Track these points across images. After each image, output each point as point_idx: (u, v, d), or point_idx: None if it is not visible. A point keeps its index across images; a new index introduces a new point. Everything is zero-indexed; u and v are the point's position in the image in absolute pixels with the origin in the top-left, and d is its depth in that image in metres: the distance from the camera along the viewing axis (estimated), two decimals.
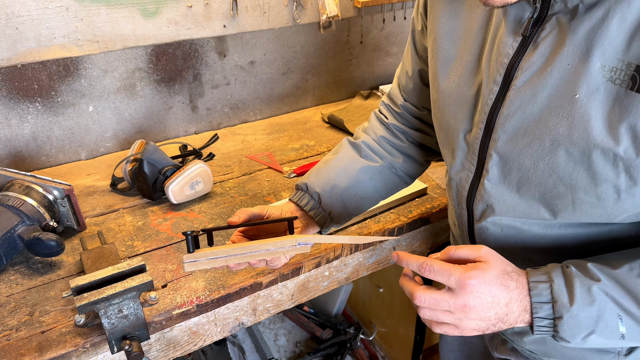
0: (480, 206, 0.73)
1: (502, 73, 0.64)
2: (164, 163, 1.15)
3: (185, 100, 1.46)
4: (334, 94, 1.74)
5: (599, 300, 0.59)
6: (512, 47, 0.63)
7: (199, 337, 0.94)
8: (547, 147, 0.61)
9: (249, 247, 0.68)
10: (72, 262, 0.97)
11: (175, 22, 1.34)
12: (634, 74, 0.53)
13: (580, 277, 0.60)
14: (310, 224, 0.88)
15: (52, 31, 1.20)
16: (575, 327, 0.60)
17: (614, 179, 0.57)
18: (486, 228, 0.73)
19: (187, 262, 0.67)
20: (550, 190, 0.63)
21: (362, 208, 0.92)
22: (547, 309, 0.60)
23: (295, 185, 0.92)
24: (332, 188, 0.87)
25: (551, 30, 0.59)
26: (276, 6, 1.46)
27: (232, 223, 0.76)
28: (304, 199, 0.88)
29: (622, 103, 0.55)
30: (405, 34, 1.76)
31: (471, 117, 0.71)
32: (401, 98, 0.93)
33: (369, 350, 1.88)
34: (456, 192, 0.78)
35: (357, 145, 0.92)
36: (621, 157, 0.56)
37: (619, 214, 0.61)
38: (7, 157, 1.27)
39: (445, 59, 0.74)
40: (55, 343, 0.79)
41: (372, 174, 0.90)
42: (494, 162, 0.67)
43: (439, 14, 0.75)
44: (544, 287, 0.61)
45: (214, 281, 0.92)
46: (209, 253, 0.67)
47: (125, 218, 1.11)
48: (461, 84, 0.72)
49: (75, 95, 1.29)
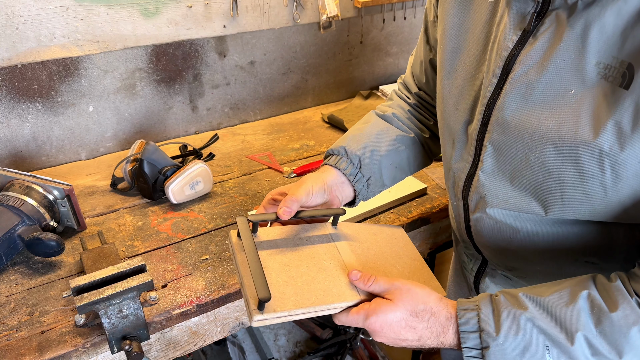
0: (474, 197, 0.73)
1: (501, 65, 0.65)
2: (164, 163, 1.15)
3: (185, 100, 1.46)
4: (334, 94, 1.74)
5: (525, 330, 0.58)
6: (512, 40, 0.63)
7: (199, 337, 0.94)
8: (537, 141, 0.62)
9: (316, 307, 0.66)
10: (72, 262, 0.97)
11: (175, 22, 1.34)
12: (625, 71, 0.54)
13: (508, 307, 0.60)
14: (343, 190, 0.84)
15: (52, 31, 1.20)
16: (502, 358, 0.59)
17: (600, 176, 0.58)
18: (481, 219, 0.74)
19: (258, 319, 0.63)
20: (541, 184, 0.63)
21: (394, 179, 0.89)
22: (475, 339, 0.60)
23: (327, 151, 0.87)
24: (373, 152, 0.84)
25: (550, 25, 0.60)
26: (276, 6, 1.46)
27: (283, 217, 0.72)
28: (342, 162, 0.84)
29: (610, 99, 0.55)
30: (405, 34, 1.76)
31: (473, 109, 0.71)
32: (415, 87, 0.94)
33: (369, 350, 1.88)
34: (453, 183, 0.78)
35: (388, 116, 0.91)
36: (607, 154, 0.56)
37: (607, 211, 0.61)
38: (7, 157, 1.27)
39: (452, 51, 0.75)
40: (55, 343, 0.79)
41: (408, 144, 0.89)
42: (488, 153, 0.68)
43: (448, 6, 0.75)
44: (471, 315, 0.61)
45: (214, 281, 0.92)
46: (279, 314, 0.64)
47: (126, 218, 1.11)
48: (467, 76, 0.72)
49: (76, 95, 1.29)
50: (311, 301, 0.66)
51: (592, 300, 0.58)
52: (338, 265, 0.72)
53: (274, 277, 0.68)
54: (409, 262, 0.79)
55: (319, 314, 0.67)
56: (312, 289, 0.68)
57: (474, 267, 0.83)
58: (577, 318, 0.57)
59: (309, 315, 0.66)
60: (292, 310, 0.64)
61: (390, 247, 0.80)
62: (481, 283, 0.82)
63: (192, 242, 1.03)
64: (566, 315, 0.57)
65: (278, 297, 0.65)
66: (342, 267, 0.72)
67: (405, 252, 0.81)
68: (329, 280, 0.70)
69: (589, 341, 0.56)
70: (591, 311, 0.57)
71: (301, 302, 0.65)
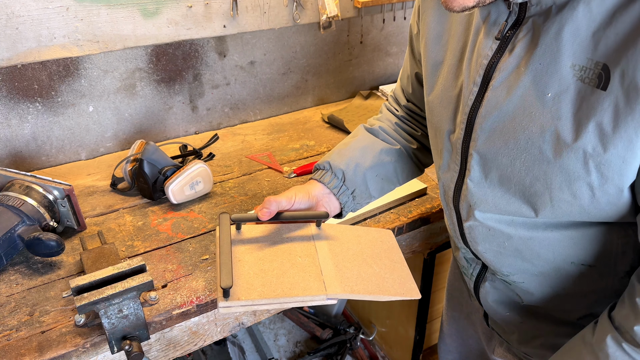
0: (464, 205, 0.73)
1: (482, 74, 0.65)
2: (164, 163, 1.15)
3: (185, 100, 1.46)
4: (334, 94, 1.74)
5: None
6: (492, 48, 0.64)
7: (199, 337, 0.94)
8: (522, 146, 0.62)
9: (280, 299, 0.69)
10: (72, 262, 0.98)
11: (175, 22, 1.34)
12: (600, 72, 0.54)
13: None
14: (330, 202, 0.86)
15: (52, 31, 1.20)
16: None
17: (586, 177, 0.58)
18: (474, 227, 0.74)
19: (222, 306, 0.68)
20: (529, 188, 0.64)
21: (382, 190, 0.92)
22: None
23: (314, 166, 0.91)
24: (357, 166, 0.88)
25: (527, 32, 0.60)
26: (276, 6, 1.46)
27: (262, 218, 0.76)
28: (327, 176, 0.87)
29: (589, 101, 0.55)
30: (405, 34, 1.77)
31: (454, 118, 0.72)
32: (404, 99, 0.96)
33: (369, 350, 1.88)
34: (443, 193, 0.79)
35: (375, 130, 0.94)
36: (591, 155, 0.56)
37: (597, 212, 0.61)
38: (7, 157, 1.27)
39: (434, 63, 0.76)
40: (55, 343, 0.79)
41: (393, 155, 0.91)
42: (475, 161, 0.68)
43: (429, 19, 0.77)
44: None
45: (214, 281, 0.92)
46: (243, 303, 0.68)
47: (125, 218, 1.11)
48: (446, 86, 0.73)
49: (76, 95, 1.29)
50: (276, 293, 0.69)
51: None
52: (312, 262, 0.75)
53: (246, 269, 0.72)
54: (388, 263, 0.80)
55: (284, 306, 0.71)
56: (281, 282, 0.71)
57: (473, 272, 0.83)
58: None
59: (274, 307, 0.70)
60: (256, 300, 0.68)
61: (372, 249, 0.83)
62: (481, 288, 0.83)
63: (192, 242, 1.03)
64: None
65: (245, 287, 0.69)
66: (315, 264, 0.75)
67: (388, 253, 0.83)
68: (299, 275, 0.73)
69: None
70: None
71: (266, 293, 0.69)
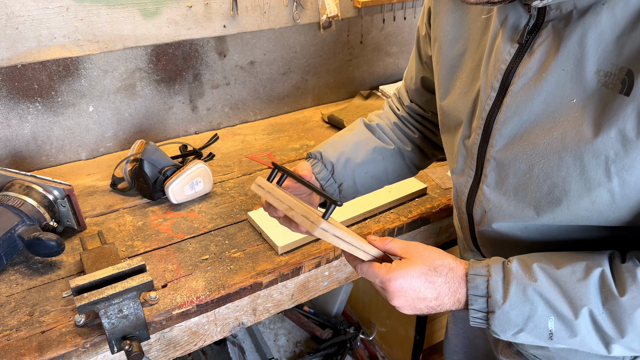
0: (479, 210, 0.73)
1: (500, 79, 0.65)
2: (164, 163, 1.15)
3: (185, 100, 1.46)
4: (334, 94, 1.74)
5: (531, 301, 0.60)
6: (510, 53, 0.63)
7: (199, 337, 0.94)
8: (541, 152, 0.61)
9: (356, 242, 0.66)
10: (72, 262, 0.97)
11: (175, 22, 1.34)
12: (624, 77, 0.54)
13: (519, 277, 0.61)
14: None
15: (52, 31, 1.20)
16: (506, 324, 0.61)
17: (607, 183, 0.57)
18: (487, 232, 0.74)
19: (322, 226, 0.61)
20: (546, 195, 0.63)
21: (369, 188, 0.92)
22: (482, 303, 0.62)
23: (307, 153, 0.91)
24: (347, 161, 0.88)
25: (547, 37, 0.60)
26: (276, 6, 1.46)
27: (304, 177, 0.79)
28: (317, 166, 0.87)
29: (612, 106, 0.55)
30: (405, 34, 1.76)
31: (470, 123, 0.72)
32: (407, 99, 0.95)
33: (369, 350, 1.88)
34: (456, 197, 0.79)
35: (372, 126, 0.94)
36: (613, 160, 0.56)
37: (615, 216, 0.61)
38: (7, 157, 1.27)
39: (449, 67, 0.75)
40: (55, 343, 0.79)
41: (385, 155, 0.91)
42: (491, 167, 0.68)
43: (443, 23, 0.76)
44: (481, 280, 0.63)
45: (214, 281, 0.92)
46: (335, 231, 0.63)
47: (125, 218, 1.11)
48: (463, 91, 0.73)
49: (76, 95, 1.29)
50: (352, 235, 0.66)
51: (603, 279, 0.59)
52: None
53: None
54: None
55: (355, 251, 0.67)
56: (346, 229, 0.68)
57: None
58: (585, 294, 0.58)
59: (350, 249, 0.66)
60: (343, 233, 0.64)
61: None
62: None
63: (192, 242, 1.03)
64: (575, 290, 0.59)
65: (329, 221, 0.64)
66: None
67: None
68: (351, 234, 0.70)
69: (594, 317, 0.58)
70: (600, 290, 0.58)
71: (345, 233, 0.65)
